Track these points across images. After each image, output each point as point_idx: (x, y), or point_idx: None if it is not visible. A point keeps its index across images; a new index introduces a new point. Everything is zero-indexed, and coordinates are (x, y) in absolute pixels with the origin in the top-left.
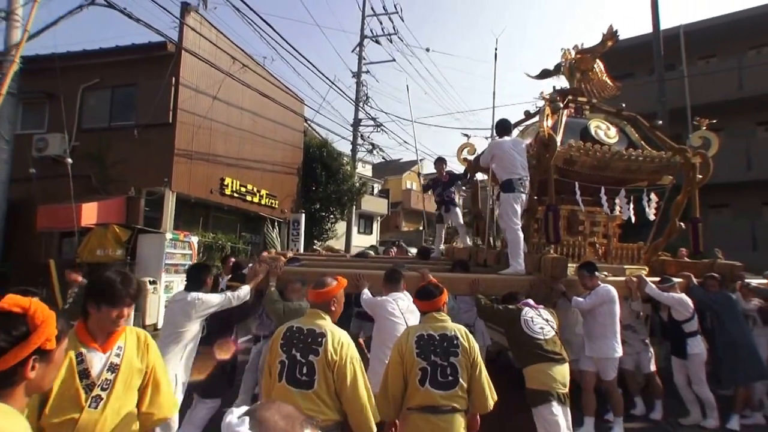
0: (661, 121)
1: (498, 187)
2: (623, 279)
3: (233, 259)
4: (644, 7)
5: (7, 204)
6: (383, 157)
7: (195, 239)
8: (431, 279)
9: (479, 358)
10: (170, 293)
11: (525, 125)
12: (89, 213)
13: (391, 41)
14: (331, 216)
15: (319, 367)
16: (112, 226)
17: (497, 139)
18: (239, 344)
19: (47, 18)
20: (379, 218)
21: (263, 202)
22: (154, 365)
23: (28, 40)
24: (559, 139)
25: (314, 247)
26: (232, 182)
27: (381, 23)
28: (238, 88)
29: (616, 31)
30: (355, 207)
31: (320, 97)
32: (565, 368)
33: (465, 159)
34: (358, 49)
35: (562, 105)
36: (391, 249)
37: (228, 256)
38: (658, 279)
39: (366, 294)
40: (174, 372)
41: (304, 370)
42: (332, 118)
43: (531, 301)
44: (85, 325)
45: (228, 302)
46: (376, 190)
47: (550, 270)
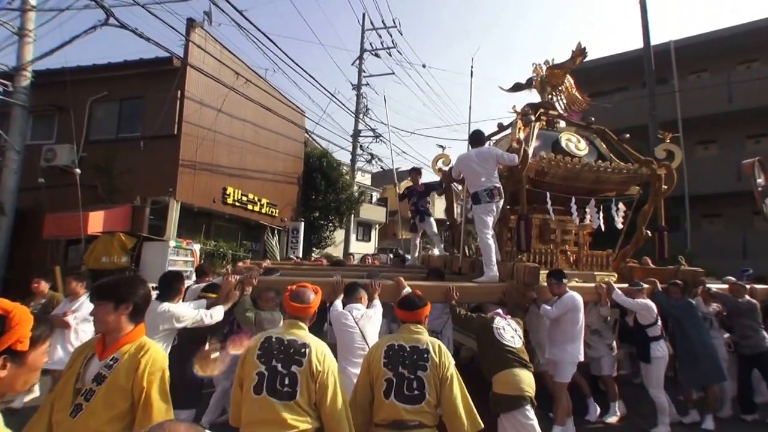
0: (628, 135)
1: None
2: (593, 285)
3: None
4: (637, 23)
5: (16, 212)
6: (381, 167)
7: (197, 247)
8: (405, 285)
9: (453, 376)
10: None
11: (499, 137)
12: (96, 221)
13: (390, 55)
14: (330, 224)
15: (302, 378)
16: (118, 234)
17: (464, 153)
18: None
19: (58, 33)
20: (377, 226)
21: (264, 211)
22: (147, 387)
23: (42, 58)
24: (531, 150)
25: (290, 256)
26: (234, 192)
27: (380, 37)
28: (240, 100)
29: (585, 49)
30: (353, 215)
31: (321, 109)
32: (531, 375)
33: (440, 169)
34: (358, 62)
35: (533, 118)
36: (368, 257)
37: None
38: (627, 285)
39: (336, 305)
40: None
41: (287, 381)
42: (332, 130)
43: (501, 311)
44: None
45: (200, 322)
46: (374, 199)
47: (523, 277)
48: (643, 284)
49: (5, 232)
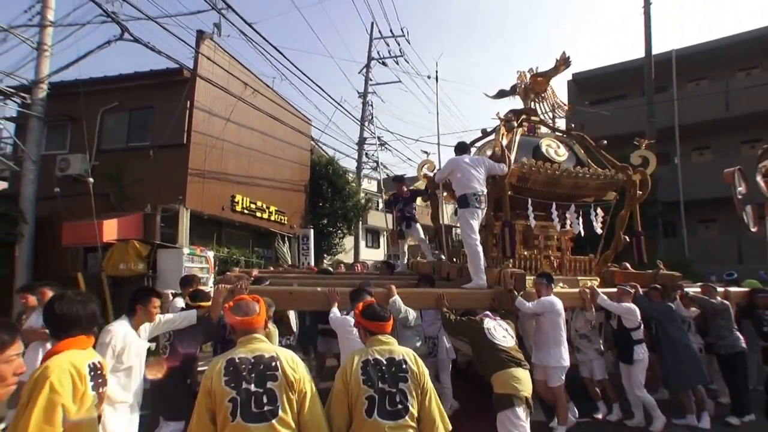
0: (605, 141)
1: (455, 203)
2: (577, 290)
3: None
4: (639, 33)
5: (35, 221)
6: (387, 174)
7: (211, 254)
8: (395, 293)
9: (429, 384)
10: None
11: (481, 143)
12: (110, 229)
13: (397, 63)
14: (339, 231)
15: (280, 393)
16: (133, 242)
17: (455, 157)
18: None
19: (73, 46)
20: (385, 232)
21: (273, 218)
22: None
23: (59, 72)
24: (512, 157)
25: (281, 264)
26: (242, 199)
27: (388, 45)
28: (248, 110)
29: (569, 57)
30: (361, 222)
31: (327, 117)
32: (528, 374)
33: (425, 175)
34: (365, 70)
35: (516, 124)
36: (357, 264)
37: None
38: (615, 289)
39: (334, 312)
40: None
41: (264, 400)
42: (338, 138)
43: (489, 313)
44: None
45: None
46: (381, 206)
47: (510, 283)
48: (629, 288)
49: (28, 240)
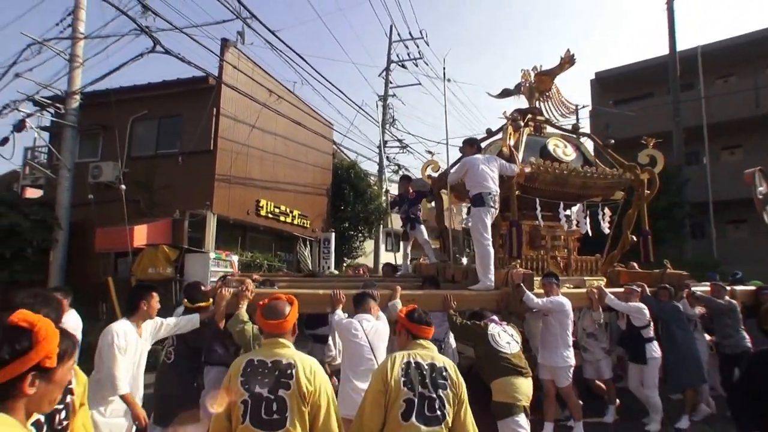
0: (613, 140)
1: (466, 202)
2: (584, 290)
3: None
4: (663, 29)
5: (69, 227)
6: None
7: (235, 258)
8: (398, 295)
9: (466, 395)
10: None
11: (486, 143)
12: (140, 234)
13: (417, 65)
14: (360, 234)
15: (291, 403)
16: (162, 247)
17: (470, 156)
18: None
19: (104, 57)
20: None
21: (296, 222)
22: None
23: (94, 83)
24: (520, 156)
25: (301, 269)
26: (266, 204)
27: (407, 48)
28: (272, 115)
29: (573, 56)
30: (382, 225)
31: (348, 121)
32: (529, 382)
33: (429, 176)
34: (384, 73)
35: (523, 124)
36: (360, 267)
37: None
38: (623, 288)
39: (339, 315)
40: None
41: (274, 408)
42: (359, 141)
43: (496, 318)
44: None
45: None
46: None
47: (518, 278)
48: (636, 288)
49: (62, 245)
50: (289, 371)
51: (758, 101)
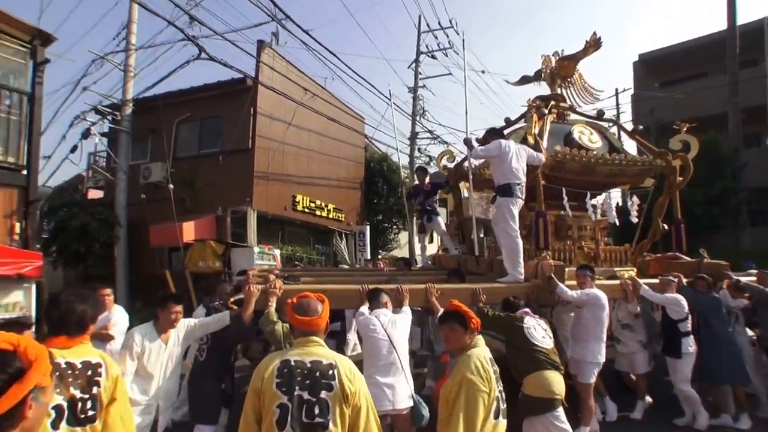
0: (642, 126)
1: (485, 192)
2: (618, 282)
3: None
4: (721, 2)
5: (127, 225)
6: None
7: (277, 252)
8: (434, 291)
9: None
10: None
11: (507, 132)
12: (188, 231)
13: (446, 55)
14: (394, 227)
15: (333, 404)
16: (209, 242)
17: (502, 140)
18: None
19: (152, 64)
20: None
21: (331, 216)
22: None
23: (146, 91)
24: (545, 144)
25: (339, 261)
26: (302, 199)
27: (437, 38)
28: (306, 112)
29: (600, 38)
30: (415, 218)
31: (379, 114)
32: (561, 377)
33: (445, 167)
34: (414, 65)
35: (546, 111)
36: (378, 261)
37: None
38: (657, 279)
39: (364, 310)
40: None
41: (316, 411)
42: (390, 133)
43: (529, 310)
44: None
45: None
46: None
47: (550, 270)
48: (671, 278)
49: (123, 242)
50: (330, 372)
51: None
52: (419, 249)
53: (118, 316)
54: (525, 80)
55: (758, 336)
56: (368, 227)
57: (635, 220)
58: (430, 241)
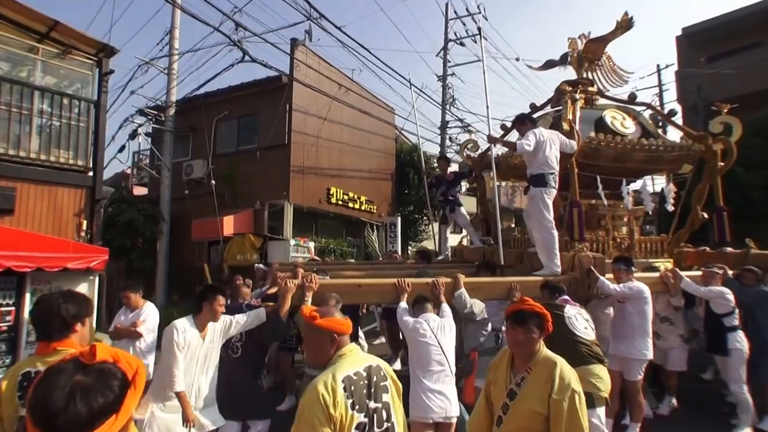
0: (676, 111)
1: (512, 181)
2: (658, 275)
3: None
4: None
5: (170, 219)
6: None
7: (312, 244)
8: (462, 284)
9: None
10: None
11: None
12: (228, 225)
13: (475, 42)
14: (424, 218)
15: (392, 404)
16: (248, 235)
17: (535, 129)
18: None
19: (196, 66)
20: (469, 216)
21: (363, 208)
22: None
23: (191, 93)
24: (579, 130)
25: (369, 253)
26: (336, 191)
27: (465, 25)
28: (338, 106)
29: (631, 18)
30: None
31: (408, 104)
32: (607, 372)
33: (468, 156)
34: (442, 53)
35: (577, 96)
36: (393, 253)
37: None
38: (702, 271)
39: (403, 308)
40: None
41: (384, 416)
42: (420, 123)
43: (569, 299)
44: None
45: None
46: (464, 189)
47: (590, 262)
48: (716, 270)
49: (166, 236)
50: (381, 373)
51: None
52: (440, 240)
53: (147, 312)
54: (550, 65)
55: None
56: (399, 219)
57: (671, 208)
58: (453, 232)
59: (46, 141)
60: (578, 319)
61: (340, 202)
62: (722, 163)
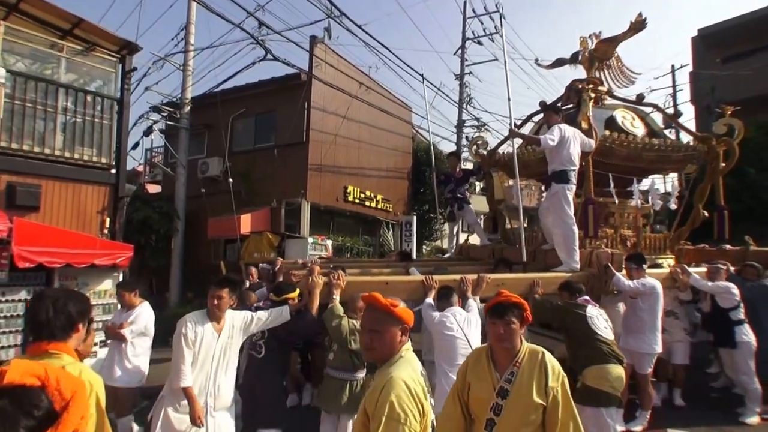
0: (682, 113)
1: (524, 179)
2: (667, 271)
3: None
4: None
5: (185, 217)
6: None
7: (329, 242)
8: (485, 282)
9: None
10: None
11: (540, 117)
12: (245, 223)
13: (492, 41)
14: (440, 217)
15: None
16: (266, 233)
17: (561, 124)
18: None
19: (212, 62)
20: (482, 216)
21: (379, 206)
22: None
23: (209, 91)
24: (595, 129)
25: (384, 252)
26: (353, 190)
27: (482, 24)
28: (356, 104)
29: (645, 19)
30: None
31: (428, 104)
32: (623, 372)
33: (477, 153)
34: (460, 51)
35: (593, 95)
36: (392, 253)
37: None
38: (705, 267)
39: (429, 303)
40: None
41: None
42: (436, 122)
43: (590, 299)
44: None
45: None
46: (478, 189)
47: (607, 258)
48: (721, 266)
49: (180, 234)
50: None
51: None
52: (449, 238)
53: (138, 313)
54: (559, 63)
55: None
56: (414, 217)
57: (674, 206)
58: (464, 231)
59: (70, 138)
60: (599, 319)
61: (356, 201)
62: (724, 164)
